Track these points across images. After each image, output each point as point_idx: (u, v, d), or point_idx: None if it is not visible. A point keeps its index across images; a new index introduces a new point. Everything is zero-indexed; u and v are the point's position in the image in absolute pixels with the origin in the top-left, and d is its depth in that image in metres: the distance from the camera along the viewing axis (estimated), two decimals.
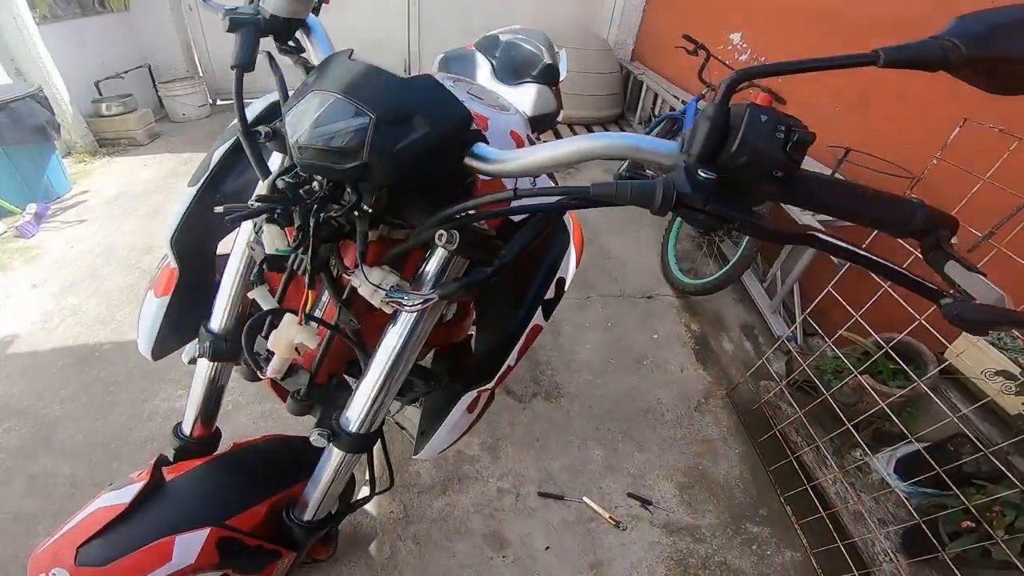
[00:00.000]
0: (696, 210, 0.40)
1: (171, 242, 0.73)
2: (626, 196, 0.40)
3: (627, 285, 2.70)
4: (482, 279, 0.49)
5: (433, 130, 0.45)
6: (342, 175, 0.46)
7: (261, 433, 1.74)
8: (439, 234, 0.46)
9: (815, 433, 1.65)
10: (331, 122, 0.44)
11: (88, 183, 3.34)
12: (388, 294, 0.47)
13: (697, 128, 0.41)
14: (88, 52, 3.94)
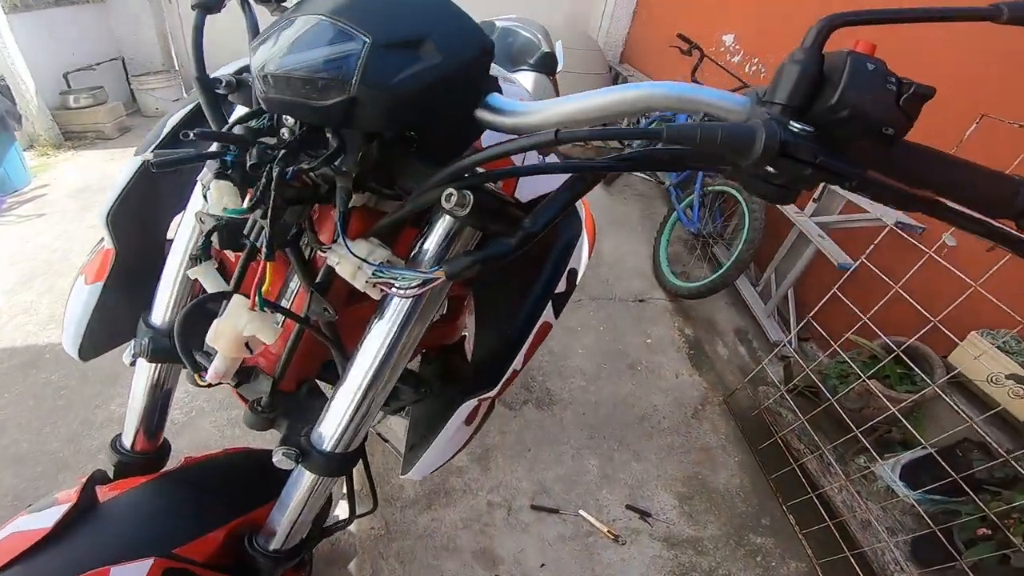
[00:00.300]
0: (803, 162, 0.32)
1: (107, 219, 0.60)
2: (714, 140, 0.31)
3: (619, 288, 2.62)
4: (503, 253, 0.37)
5: (445, 60, 0.35)
6: (321, 115, 0.35)
7: (227, 444, 1.62)
8: (447, 193, 0.34)
9: (818, 440, 1.60)
10: (313, 46, 0.34)
11: (49, 177, 3.16)
12: (377, 271, 0.35)
13: (782, 75, 0.34)
14: (59, 43, 3.76)
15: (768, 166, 0.35)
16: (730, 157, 0.33)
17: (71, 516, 0.59)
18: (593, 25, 5.00)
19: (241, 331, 0.33)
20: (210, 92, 0.43)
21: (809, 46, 0.34)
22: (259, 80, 0.36)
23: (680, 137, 0.31)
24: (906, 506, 1.44)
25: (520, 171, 0.39)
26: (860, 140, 0.34)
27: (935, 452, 1.29)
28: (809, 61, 0.33)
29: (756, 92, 0.38)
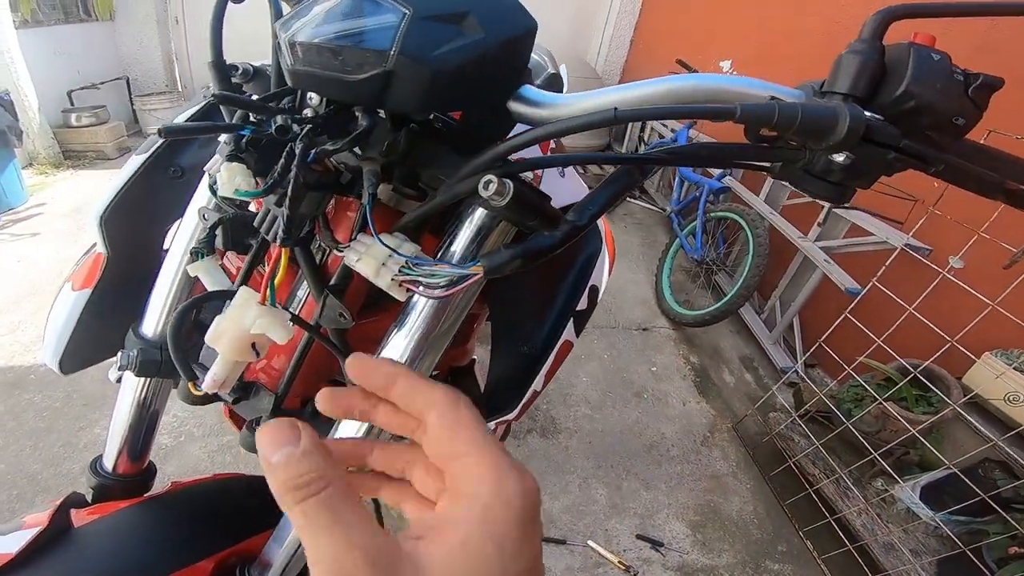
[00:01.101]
0: (886, 147, 0.31)
1: (101, 221, 0.56)
2: (794, 121, 0.29)
3: (622, 316, 2.59)
4: (547, 246, 0.33)
5: (487, 37, 0.32)
6: (353, 91, 0.32)
7: (218, 471, 1.54)
8: (486, 180, 0.31)
9: (834, 464, 1.59)
10: (349, 18, 0.31)
11: (46, 195, 3.12)
12: (405, 268, 0.31)
13: (841, 64, 0.33)
14: (65, 60, 3.77)
15: (840, 155, 0.33)
16: (814, 136, 0.30)
17: (39, 541, 0.53)
18: (592, 52, 5.09)
19: (248, 329, 0.28)
20: (226, 79, 0.39)
21: (868, 36, 0.33)
22: (287, 51, 0.32)
23: (756, 115, 0.29)
24: (928, 528, 1.43)
25: (572, 159, 0.36)
26: (928, 131, 0.33)
27: (960, 473, 1.28)
28: (870, 51, 0.33)
29: (811, 85, 0.36)
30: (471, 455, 0.24)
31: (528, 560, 0.22)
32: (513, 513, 0.22)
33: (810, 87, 0.36)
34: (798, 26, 2.73)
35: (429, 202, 0.35)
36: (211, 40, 0.40)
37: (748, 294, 2.25)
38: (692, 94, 0.35)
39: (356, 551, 0.20)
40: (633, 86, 0.36)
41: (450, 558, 0.21)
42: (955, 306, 1.37)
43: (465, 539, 0.21)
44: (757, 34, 3.08)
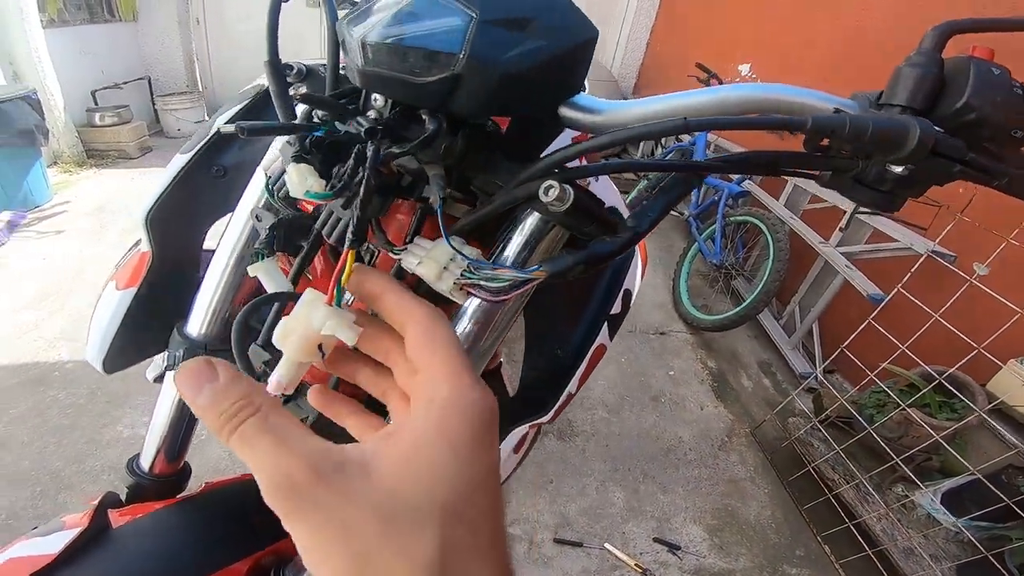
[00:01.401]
0: (954, 160, 0.31)
1: (146, 220, 0.56)
2: (864, 132, 0.29)
3: (639, 320, 2.58)
4: (608, 252, 0.33)
5: (552, 43, 0.33)
6: (421, 93, 0.32)
7: (240, 471, 1.56)
8: (547, 186, 0.30)
9: (854, 469, 1.60)
10: (417, 19, 0.31)
11: (70, 194, 3.17)
12: (467, 272, 0.31)
13: (900, 77, 0.34)
14: (90, 59, 3.84)
15: (900, 167, 0.33)
16: (882, 148, 0.30)
17: (80, 542, 0.53)
18: (607, 55, 5.08)
19: (316, 330, 0.27)
20: (281, 79, 0.40)
21: (927, 49, 0.34)
22: (359, 50, 0.33)
23: (827, 127, 0.29)
24: (949, 533, 1.44)
25: (631, 165, 0.36)
26: (987, 143, 0.33)
27: (984, 479, 1.29)
28: (929, 64, 0.33)
29: (866, 97, 0.36)
30: (435, 364, 0.24)
31: (483, 468, 0.22)
32: (468, 420, 0.23)
33: (865, 98, 0.36)
34: (817, 31, 2.70)
35: (485, 206, 0.36)
36: (267, 39, 0.40)
37: (768, 299, 2.24)
38: (747, 103, 0.35)
39: (294, 457, 0.20)
40: (687, 95, 0.37)
41: (403, 459, 0.21)
42: (979, 312, 1.36)
43: (418, 440, 0.22)
44: (777, 38, 3.05)
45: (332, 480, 0.20)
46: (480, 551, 0.21)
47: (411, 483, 0.20)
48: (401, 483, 0.20)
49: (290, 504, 0.20)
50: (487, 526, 0.22)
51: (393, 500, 0.20)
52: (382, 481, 0.20)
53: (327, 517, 0.19)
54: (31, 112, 2.73)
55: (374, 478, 0.20)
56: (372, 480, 0.20)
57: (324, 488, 0.20)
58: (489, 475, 0.23)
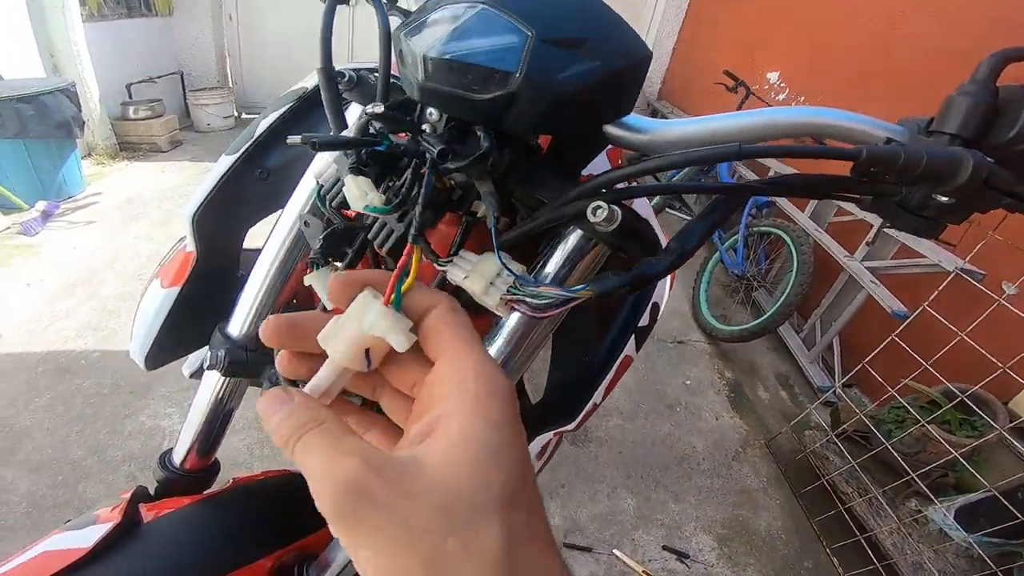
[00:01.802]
0: (1006, 193, 0.31)
1: (193, 219, 0.58)
2: (918, 164, 0.29)
3: (657, 328, 2.53)
4: (655, 272, 0.34)
5: (606, 63, 0.33)
6: (477, 110, 0.33)
7: (257, 464, 1.59)
8: (595, 207, 0.31)
9: (868, 483, 1.60)
10: (475, 36, 0.32)
11: (103, 185, 3.26)
12: (513, 288, 0.31)
13: (952, 105, 0.33)
14: (126, 53, 3.94)
15: (947, 196, 0.33)
16: (936, 179, 0.30)
17: (112, 536, 0.55)
18: None
19: (366, 331, 0.25)
20: (333, 86, 0.41)
21: (982, 78, 0.33)
22: (419, 65, 0.33)
23: (882, 159, 0.29)
24: (960, 548, 1.43)
25: (677, 188, 0.36)
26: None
27: (999, 495, 1.28)
28: (982, 92, 0.32)
29: (915, 122, 0.36)
30: (459, 349, 0.24)
31: (523, 447, 0.22)
32: (503, 401, 0.22)
33: (914, 124, 0.36)
34: (848, 39, 2.67)
35: (530, 222, 0.36)
36: (321, 46, 0.41)
37: (789, 312, 2.21)
38: (795, 127, 0.35)
39: (352, 457, 0.20)
40: (735, 116, 0.37)
41: (452, 449, 0.21)
42: (1006, 331, 1.33)
43: (463, 428, 0.21)
44: (806, 45, 3.01)
45: (393, 479, 0.20)
46: (538, 534, 0.21)
47: (467, 475, 0.20)
48: (456, 477, 0.20)
49: (351, 506, 0.19)
50: (537, 505, 0.22)
51: (452, 495, 0.20)
52: (437, 477, 0.20)
53: (390, 518, 0.19)
54: (69, 104, 2.81)
55: (429, 475, 0.20)
56: (428, 477, 0.20)
57: (386, 487, 0.19)
58: (527, 453, 0.22)
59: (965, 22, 2.06)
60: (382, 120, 0.33)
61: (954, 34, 2.09)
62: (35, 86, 2.70)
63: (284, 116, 0.59)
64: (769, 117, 0.35)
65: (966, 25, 2.06)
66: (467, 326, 0.26)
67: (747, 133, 0.36)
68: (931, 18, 2.23)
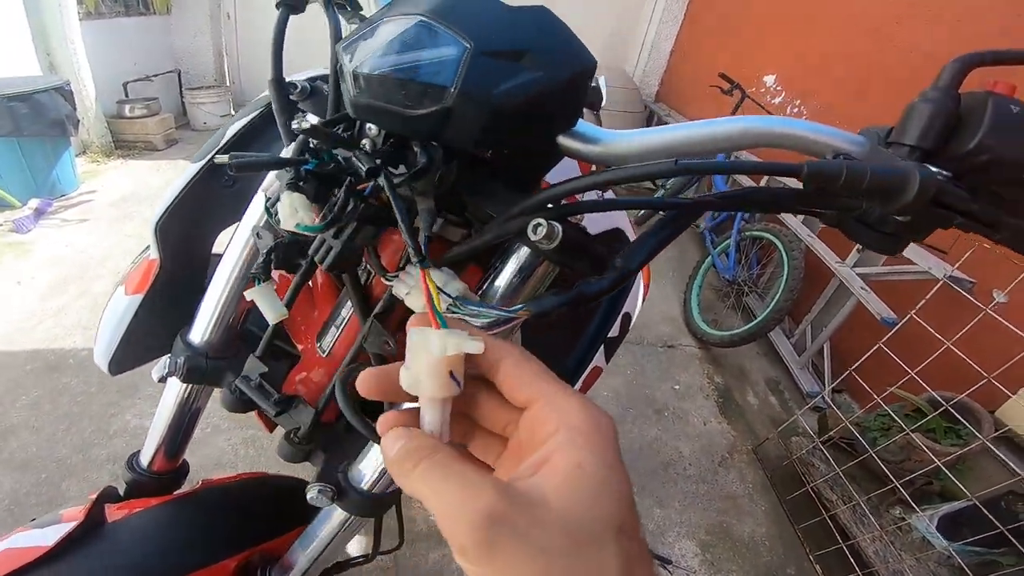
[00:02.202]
0: (956, 211, 0.29)
1: (156, 227, 0.58)
2: (861, 182, 0.27)
3: (648, 333, 2.57)
4: (596, 292, 0.33)
5: (548, 74, 0.32)
6: (412, 125, 0.32)
7: (241, 465, 1.59)
8: (535, 224, 0.31)
9: (852, 491, 1.59)
10: (411, 49, 0.31)
11: (97, 183, 3.26)
12: (453, 306, 0.31)
13: (912, 114, 0.32)
14: (123, 52, 3.94)
15: (902, 214, 0.31)
16: (883, 196, 0.29)
17: (74, 535, 0.55)
18: (630, 62, 5.06)
19: (440, 355, 0.25)
20: (285, 96, 0.41)
21: (944, 85, 0.31)
22: (350, 81, 0.33)
23: (823, 175, 0.28)
24: (941, 557, 1.43)
25: (621, 204, 0.35)
26: (997, 187, 0.31)
27: (980, 504, 1.28)
28: (944, 100, 0.31)
29: (876, 132, 0.35)
30: (555, 392, 0.25)
31: (626, 482, 0.23)
32: (609, 439, 0.24)
33: (875, 134, 0.35)
34: (845, 43, 2.67)
35: (476, 239, 0.36)
36: (272, 57, 0.41)
37: (780, 318, 2.21)
38: (751, 137, 0.34)
39: (492, 490, 0.21)
40: (693, 125, 0.36)
41: (570, 481, 0.22)
42: (995, 339, 1.33)
43: (580, 461, 0.22)
44: (803, 49, 3.02)
45: (525, 508, 0.21)
46: (645, 559, 0.22)
47: (586, 505, 0.21)
48: (577, 505, 0.21)
49: (492, 535, 0.20)
50: (641, 534, 0.23)
51: (575, 523, 0.21)
52: (559, 506, 0.21)
53: (526, 545, 0.20)
54: (64, 103, 2.81)
55: (552, 503, 0.21)
56: (552, 505, 0.21)
57: (522, 517, 0.20)
58: (631, 487, 0.24)
59: (961, 29, 2.06)
60: (312, 136, 0.32)
61: (951, 40, 2.10)
62: (30, 84, 2.70)
63: (253, 122, 0.59)
64: (726, 127, 0.35)
65: (962, 30, 2.06)
66: (547, 371, 0.27)
67: (705, 145, 0.35)
68: (927, 26, 2.23)
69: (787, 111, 3.06)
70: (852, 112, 2.54)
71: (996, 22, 1.93)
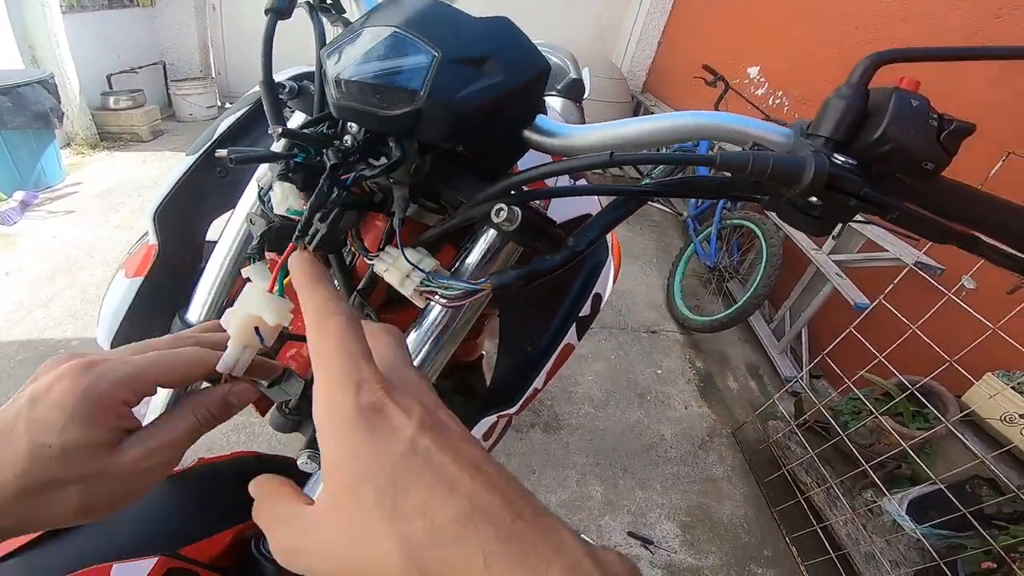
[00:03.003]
0: (848, 194, 0.33)
1: (154, 215, 0.62)
2: (765, 169, 0.32)
3: (631, 318, 2.62)
4: (549, 268, 0.38)
5: (507, 79, 0.36)
6: (388, 124, 0.36)
7: (230, 446, 1.62)
8: (497, 209, 0.35)
9: (826, 474, 1.63)
10: (386, 57, 0.35)
11: (82, 175, 3.24)
12: (426, 280, 0.36)
13: (827, 108, 0.35)
14: (107, 44, 3.90)
15: (812, 197, 0.36)
16: (776, 187, 0.34)
17: None
18: (618, 53, 5.09)
19: (252, 312, 0.33)
20: (274, 96, 0.45)
21: (855, 82, 0.35)
22: (333, 85, 0.37)
23: (732, 164, 0.32)
24: (911, 540, 1.46)
25: (572, 191, 0.40)
26: (900, 174, 0.34)
27: (945, 487, 1.32)
28: (854, 96, 0.34)
29: (800, 125, 0.39)
30: (322, 354, 0.28)
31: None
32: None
33: (800, 126, 0.39)
34: (825, 36, 2.72)
35: (448, 222, 0.41)
36: (262, 59, 0.45)
37: (759, 303, 2.28)
38: (695, 130, 0.38)
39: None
40: (635, 121, 0.40)
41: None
42: (963, 324, 1.38)
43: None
44: (786, 42, 3.07)
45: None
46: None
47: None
48: None
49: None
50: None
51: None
52: None
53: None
54: (47, 96, 2.80)
55: None
56: None
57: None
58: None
59: (943, 25, 2.11)
60: (287, 136, 0.36)
61: (930, 34, 2.15)
62: (12, 78, 2.68)
63: (243, 117, 0.63)
64: (675, 121, 0.38)
65: (942, 24, 2.11)
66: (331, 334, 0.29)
67: (652, 138, 0.39)
68: (902, 22, 2.28)
69: (769, 102, 3.11)
70: None
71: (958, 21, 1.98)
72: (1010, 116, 1.74)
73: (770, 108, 3.03)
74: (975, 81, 1.86)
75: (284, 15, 0.44)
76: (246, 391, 0.37)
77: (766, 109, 2.99)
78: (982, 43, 1.88)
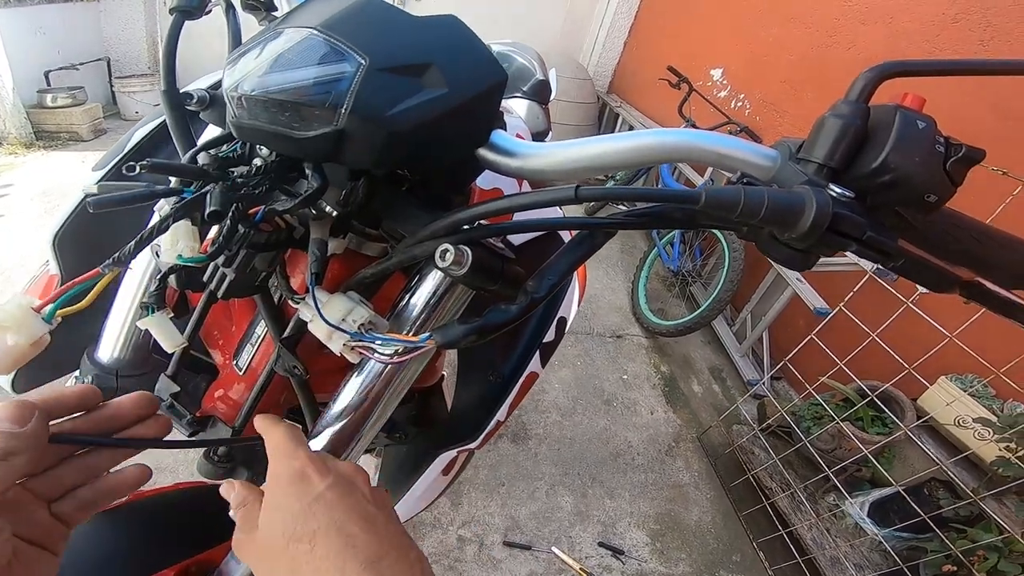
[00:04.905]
0: (851, 239, 0.28)
1: (54, 241, 0.55)
2: (759, 210, 0.27)
3: (597, 323, 2.61)
4: (504, 321, 0.32)
5: (452, 92, 0.30)
6: (302, 148, 0.30)
7: (181, 470, 1.52)
8: (442, 250, 0.30)
9: (790, 478, 1.64)
10: (298, 66, 0.28)
11: (14, 176, 3.03)
12: (355, 336, 0.30)
13: (822, 128, 0.30)
14: (45, 39, 3.65)
15: (799, 241, 0.31)
16: (779, 225, 0.29)
17: None
18: (584, 53, 5.08)
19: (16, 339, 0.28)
20: (179, 109, 0.37)
21: (855, 98, 0.30)
22: (231, 102, 0.30)
23: (720, 204, 0.28)
24: (874, 543, 1.48)
25: (527, 226, 0.34)
26: (901, 207, 0.30)
27: (903, 491, 1.33)
28: (853, 116, 0.30)
29: (788, 146, 0.34)
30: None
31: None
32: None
33: (787, 147, 0.34)
34: (785, 36, 2.75)
35: (384, 262, 0.35)
36: (163, 65, 0.38)
37: (721, 307, 2.29)
38: (667, 152, 0.33)
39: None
40: (602, 140, 0.34)
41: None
42: (918, 330, 1.41)
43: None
44: (749, 44, 3.09)
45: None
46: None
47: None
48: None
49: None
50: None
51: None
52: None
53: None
54: None
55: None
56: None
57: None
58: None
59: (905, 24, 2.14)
60: (156, 170, 0.29)
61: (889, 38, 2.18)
62: None
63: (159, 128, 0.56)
64: (644, 141, 0.33)
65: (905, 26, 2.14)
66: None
67: (619, 159, 0.33)
68: (864, 25, 2.33)
69: (731, 105, 3.14)
70: (793, 107, 2.63)
71: (925, 26, 2.02)
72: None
73: (732, 111, 3.06)
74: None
75: (192, 15, 0.38)
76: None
77: (729, 112, 3.02)
78: (940, 48, 1.93)
